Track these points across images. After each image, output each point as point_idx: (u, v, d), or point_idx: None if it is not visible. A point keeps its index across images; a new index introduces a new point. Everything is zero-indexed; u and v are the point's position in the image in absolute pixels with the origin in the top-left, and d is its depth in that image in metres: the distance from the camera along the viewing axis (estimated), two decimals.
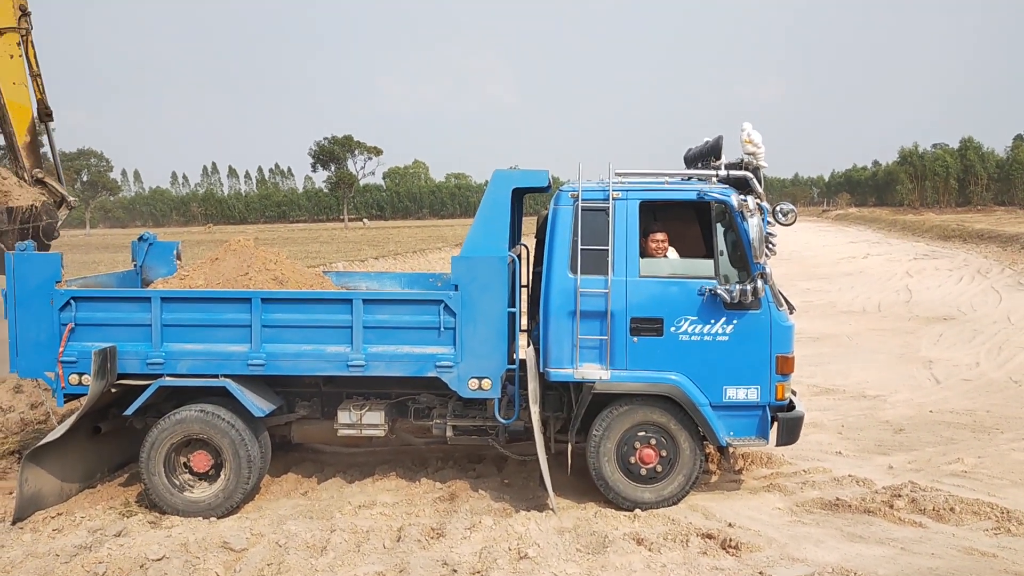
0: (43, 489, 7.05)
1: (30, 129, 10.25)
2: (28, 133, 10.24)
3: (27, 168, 10.15)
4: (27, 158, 10.16)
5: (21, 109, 10.14)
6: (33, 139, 10.26)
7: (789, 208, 7.09)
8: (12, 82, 10.03)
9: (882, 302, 20.25)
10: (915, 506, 6.82)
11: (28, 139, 10.19)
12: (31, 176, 10.13)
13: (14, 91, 10.05)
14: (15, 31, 9.92)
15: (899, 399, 10.84)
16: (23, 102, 10.16)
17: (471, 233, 7.05)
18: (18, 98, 10.13)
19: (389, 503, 7.19)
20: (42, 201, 9.98)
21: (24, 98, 10.14)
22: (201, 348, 7.03)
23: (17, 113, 10.11)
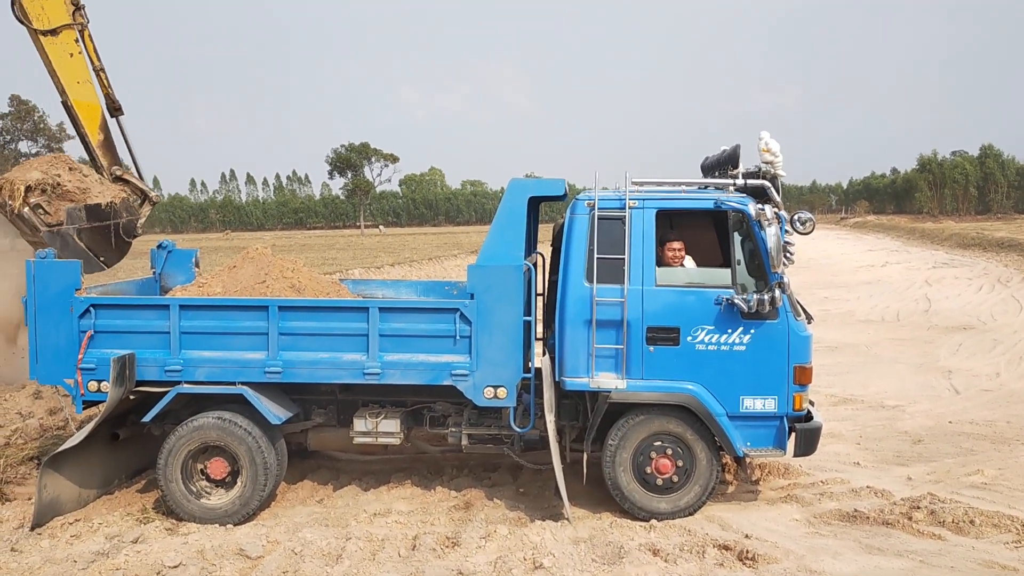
0: (61, 495, 7.10)
1: (102, 127, 9.79)
2: (101, 131, 9.79)
3: (105, 167, 9.74)
4: (103, 157, 9.74)
5: (90, 107, 9.70)
6: (107, 136, 9.80)
7: (807, 217, 7.04)
8: (77, 81, 9.59)
9: (901, 311, 20.09)
10: (934, 518, 6.75)
11: (101, 137, 9.75)
12: (110, 174, 9.73)
13: (80, 90, 9.61)
14: (71, 27, 9.44)
15: (918, 409, 10.75)
16: (91, 100, 9.71)
17: (487, 242, 7.06)
18: (85, 96, 9.68)
19: (404, 511, 7.19)
20: (122, 198, 9.59)
21: (91, 96, 9.69)
22: (219, 356, 7.07)
23: (86, 112, 9.69)
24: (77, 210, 9.09)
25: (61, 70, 9.36)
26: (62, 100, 9.48)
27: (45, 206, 9.06)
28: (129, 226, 9.53)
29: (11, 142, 63.86)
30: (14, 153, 63.00)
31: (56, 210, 9.10)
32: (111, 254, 9.48)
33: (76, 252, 8.90)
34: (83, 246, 9.10)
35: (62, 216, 9.05)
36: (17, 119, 62.64)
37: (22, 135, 64.05)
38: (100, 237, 9.22)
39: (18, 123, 62.93)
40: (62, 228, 9.01)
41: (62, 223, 9.02)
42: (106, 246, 9.32)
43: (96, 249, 9.25)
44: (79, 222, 9.08)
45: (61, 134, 65.03)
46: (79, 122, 9.57)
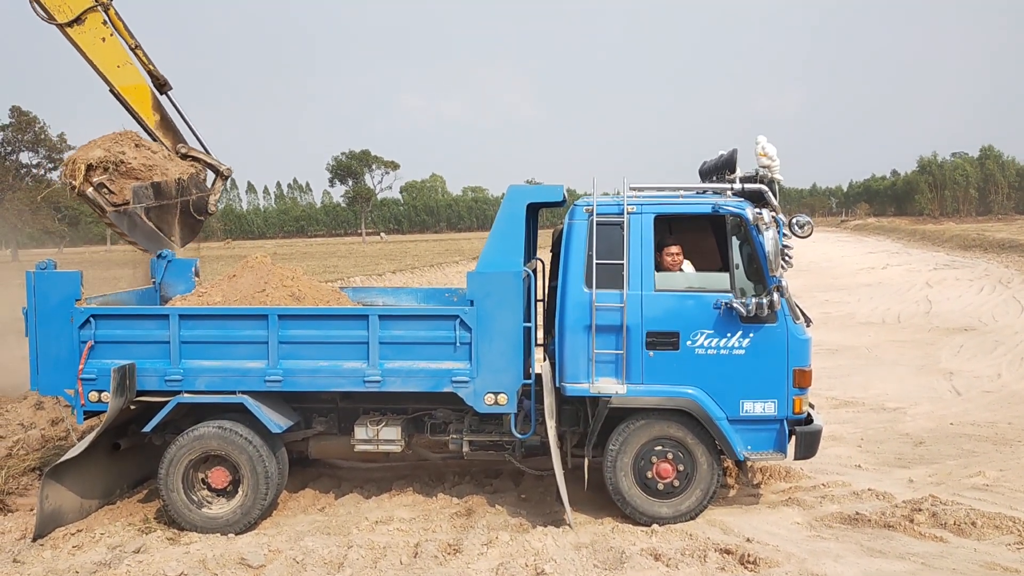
0: (63, 506, 7.11)
1: (155, 106, 9.35)
2: (155, 111, 9.36)
3: (169, 147, 9.35)
4: (164, 137, 9.33)
5: (137, 90, 9.23)
6: (163, 116, 9.37)
7: (805, 220, 7.07)
8: (116, 65, 9.09)
9: (902, 313, 20.09)
10: (936, 520, 6.75)
11: (157, 117, 9.34)
12: (176, 154, 9.34)
13: (122, 74, 9.12)
14: (95, 10, 8.95)
15: (919, 411, 10.74)
16: (136, 81, 9.22)
17: (486, 248, 7.08)
18: (130, 79, 9.17)
19: (406, 518, 7.19)
20: (190, 174, 9.18)
21: (135, 77, 9.20)
22: (219, 365, 7.08)
23: (135, 95, 9.22)
24: (144, 188, 8.74)
25: (97, 58, 8.92)
26: (109, 89, 9.07)
27: (109, 185, 8.71)
28: (200, 203, 9.20)
29: (12, 153, 63.93)
30: (15, 164, 63.12)
31: (121, 189, 8.76)
32: (182, 233, 9.21)
33: (145, 232, 8.70)
34: (152, 226, 8.87)
35: (128, 195, 8.73)
36: (18, 130, 62.70)
37: (23, 146, 64.11)
38: (170, 216, 8.96)
39: (19, 134, 62.98)
40: (128, 208, 8.71)
41: (128, 202, 8.70)
42: (178, 226, 9.11)
43: (166, 228, 9.02)
44: (146, 200, 8.77)
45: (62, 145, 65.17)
46: (131, 107, 9.16)
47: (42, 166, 66.23)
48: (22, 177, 63.78)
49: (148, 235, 8.79)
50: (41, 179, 65.61)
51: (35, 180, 64.91)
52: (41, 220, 63.34)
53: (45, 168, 66.48)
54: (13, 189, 60.75)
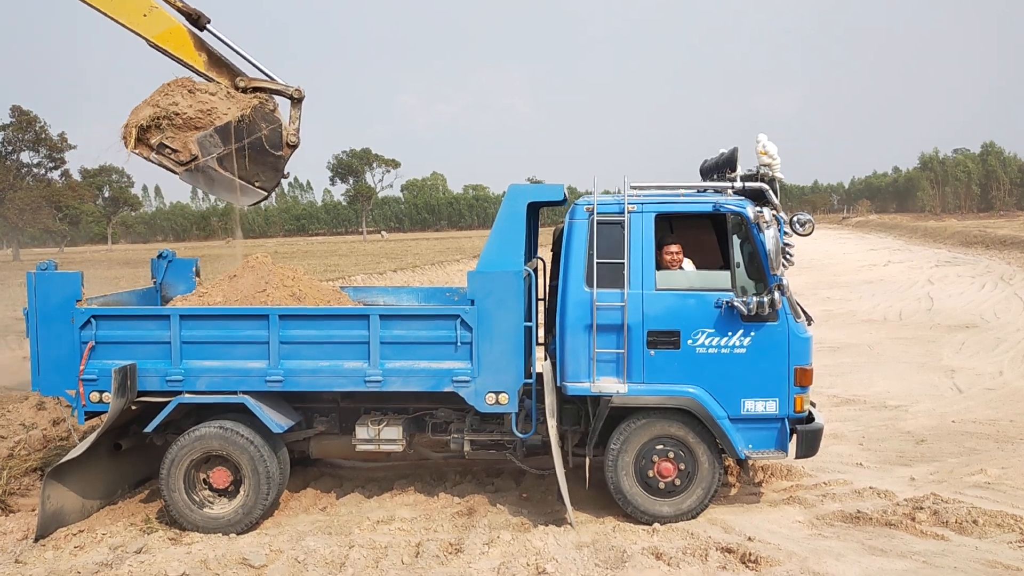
0: (65, 506, 7.11)
1: (198, 45, 8.46)
2: (200, 50, 8.47)
3: (227, 85, 8.52)
4: (219, 76, 8.48)
5: (173, 34, 8.39)
6: (209, 53, 8.50)
7: (806, 218, 7.07)
8: (143, 15, 8.30)
9: (903, 310, 20.08)
10: (937, 518, 6.75)
11: (204, 57, 8.47)
12: (237, 90, 8.49)
13: (151, 23, 8.30)
14: None
15: (921, 409, 10.74)
16: (168, 25, 8.40)
17: (487, 248, 7.07)
18: (161, 26, 8.37)
19: (408, 518, 7.20)
20: (253, 106, 8.29)
21: (167, 21, 8.40)
22: (220, 365, 7.08)
23: (172, 40, 8.39)
24: (208, 136, 8.10)
25: (119, 13, 8.23)
26: (146, 43, 8.37)
27: (170, 143, 8.10)
28: (274, 137, 8.33)
29: (13, 152, 63.97)
30: (16, 164, 63.15)
31: (185, 143, 8.15)
32: (266, 175, 8.45)
33: (225, 184, 8.19)
34: (230, 175, 8.26)
35: (194, 148, 8.12)
36: (19, 130, 62.72)
37: (24, 145, 64.15)
38: (247, 160, 8.26)
39: (20, 133, 63.02)
40: (199, 162, 8.12)
41: (196, 157, 8.12)
42: (257, 168, 8.36)
43: (247, 175, 8.34)
44: (216, 149, 8.13)
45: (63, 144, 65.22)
46: (173, 55, 8.41)
47: (43, 166, 66.31)
48: (23, 177, 63.81)
49: (229, 186, 8.16)
50: (42, 179, 65.68)
51: (36, 179, 64.96)
52: (42, 219, 63.40)
53: (46, 168, 66.56)
54: (14, 188, 60.76)
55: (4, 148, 63.33)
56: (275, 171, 8.43)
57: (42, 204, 62.28)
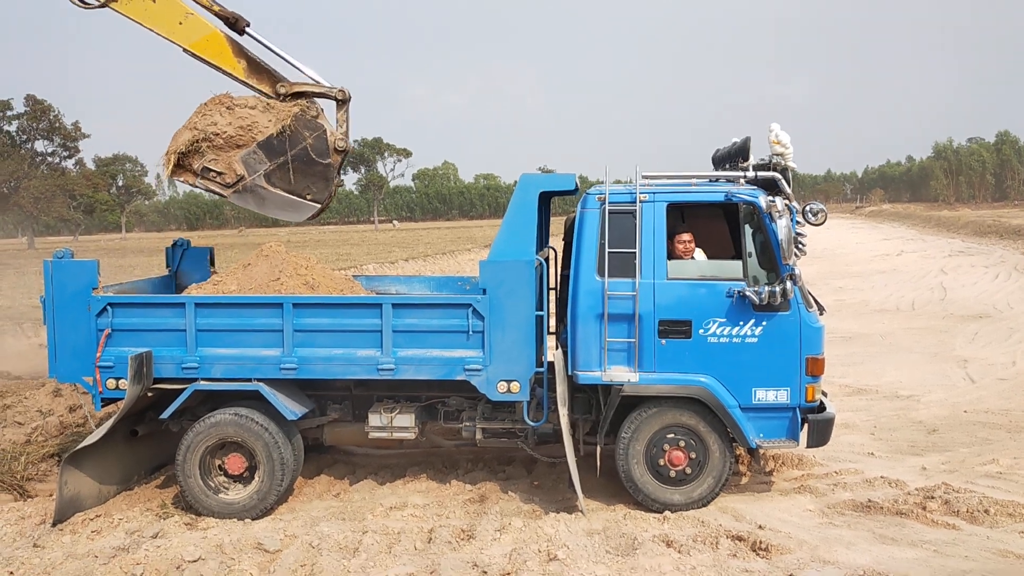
0: (82, 491, 7.20)
1: (236, 52, 8.13)
2: (239, 57, 8.14)
3: (268, 92, 8.18)
4: (259, 83, 8.16)
5: (210, 41, 8.08)
6: (249, 59, 8.17)
7: (819, 208, 7.06)
8: (177, 23, 8.00)
9: (916, 300, 20.00)
10: (948, 508, 6.75)
11: (243, 63, 8.14)
12: (277, 95, 8.14)
13: (187, 30, 8.02)
14: None
15: (933, 399, 10.72)
16: (205, 32, 8.08)
17: (498, 237, 7.10)
18: (197, 33, 8.06)
19: (420, 505, 7.25)
20: (294, 114, 7.94)
21: (203, 27, 8.08)
22: (234, 352, 7.14)
23: (210, 47, 8.08)
24: (251, 154, 7.85)
25: (154, 23, 7.99)
26: (182, 50, 8.09)
27: (214, 166, 7.86)
28: (320, 144, 7.99)
29: (27, 142, 64.34)
30: (30, 153, 63.50)
31: (229, 164, 7.90)
32: (316, 186, 8.11)
33: (277, 202, 7.99)
34: (281, 192, 8.02)
35: (239, 168, 7.89)
36: (33, 119, 63.08)
37: (38, 134, 64.53)
38: (294, 173, 8.04)
39: (34, 123, 63.37)
40: (246, 182, 7.91)
41: (243, 176, 7.91)
42: (306, 180, 8.06)
43: (297, 188, 8.06)
44: (261, 166, 7.89)
45: (77, 133, 65.53)
46: (211, 63, 8.13)
47: (57, 154, 66.68)
48: (37, 165, 64.19)
49: (281, 203, 7.93)
50: (56, 167, 66.04)
51: (50, 168, 65.33)
52: (56, 208, 63.73)
53: (60, 156, 66.93)
54: (29, 177, 61.11)
55: (19, 137, 63.73)
56: (325, 180, 8.09)
57: (56, 193, 62.62)
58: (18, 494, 7.84)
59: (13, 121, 62.91)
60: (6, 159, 58.53)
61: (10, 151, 60.29)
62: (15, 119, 62.84)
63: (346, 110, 8.15)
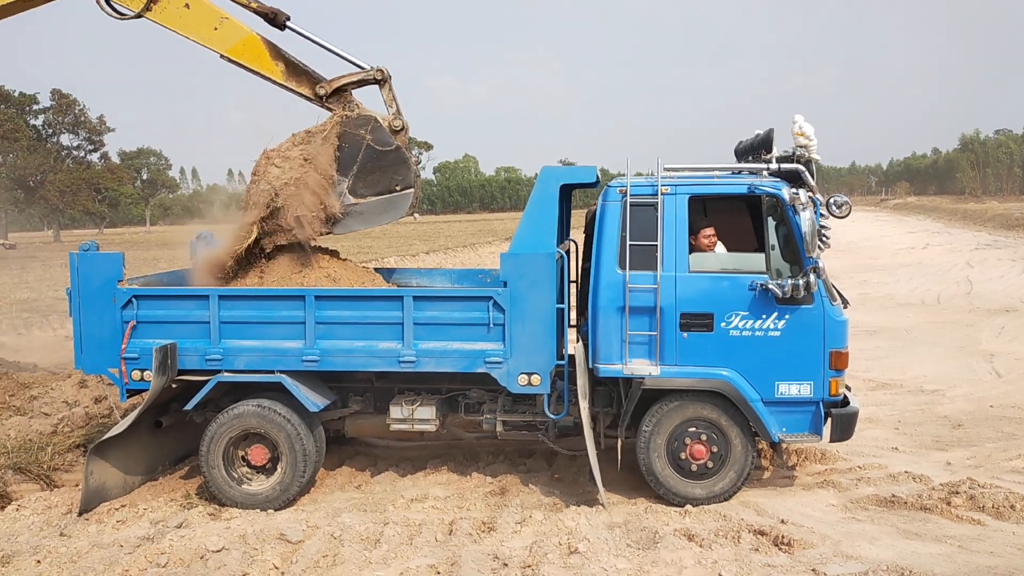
0: (108, 482, 7.28)
1: (274, 55, 7.94)
2: (276, 60, 7.95)
3: (308, 95, 8.01)
4: (298, 86, 8.00)
5: (246, 45, 7.90)
6: (287, 62, 7.97)
7: (843, 200, 6.98)
8: (213, 28, 7.88)
9: (942, 294, 19.79)
10: (974, 503, 6.68)
11: (281, 66, 7.96)
12: (317, 97, 7.95)
13: (223, 36, 7.86)
14: None
15: (958, 393, 10.61)
16: (242, 36, 7.90)
17: (519, 230, 7.09)
18: (233, 37, 7.89)
19: (441, 497, 7.28)
20: (337, 123, 7.74)
21: (239, 31, 7.91)
22: (257, 345, 7.18)
23: (247, 52, 7.91)
24: (324, 182, 7.65)
25: (190, 30, 7.90)
26: (219, 56, 7.98)
27: (302, 218, 7.64)
28: (379, 134, 7.76)
29: (53, 136, 65.06)
30: (56, 146, 64.19)
31: (311, 204, 7.65)
32: (399, 172, 7.87)
33: (375, 209, 7.84)
34: (373, 198, 7.86)
35: (326, 200, 7.68)
36: (59, 112, 63.79)
37: (64, 128, 65.25)
38: (372, 173, 7.83)
39: (59, 116, 64.08)
40: (337, 210, 7.74)
41: (333, 208, 7.72)
42: (387, 173, 7.85)
43: (384, 186, 7.87)
44: (342, 185, 7.74)
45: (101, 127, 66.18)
46: (248, 68, 7.97)
47: (82, 148, 67.41)
48: (63, 159, 64.90)
49: (380, 208, 7.80)
50: (81, 161, 66.75)
51: (75, 162, 66.04)
52: (81, 201, 64.45)
53: (85, 150, 67.64)
54: (54, 171, 61.82)
55: (45, 131, 64.46)
56: (403, 163, 7.86)
57: (82, 186, 63.34)
58: (45, 484, 7.94)
59: (39, 115, 63.69)
60: (32, 153, 59.33)
61: (36, 145, 61.07)
62: (41, 113, 63.61)
63: (389, 88, 7.98)
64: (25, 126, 60.55)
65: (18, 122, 58.70)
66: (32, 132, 62.04)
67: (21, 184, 59.80)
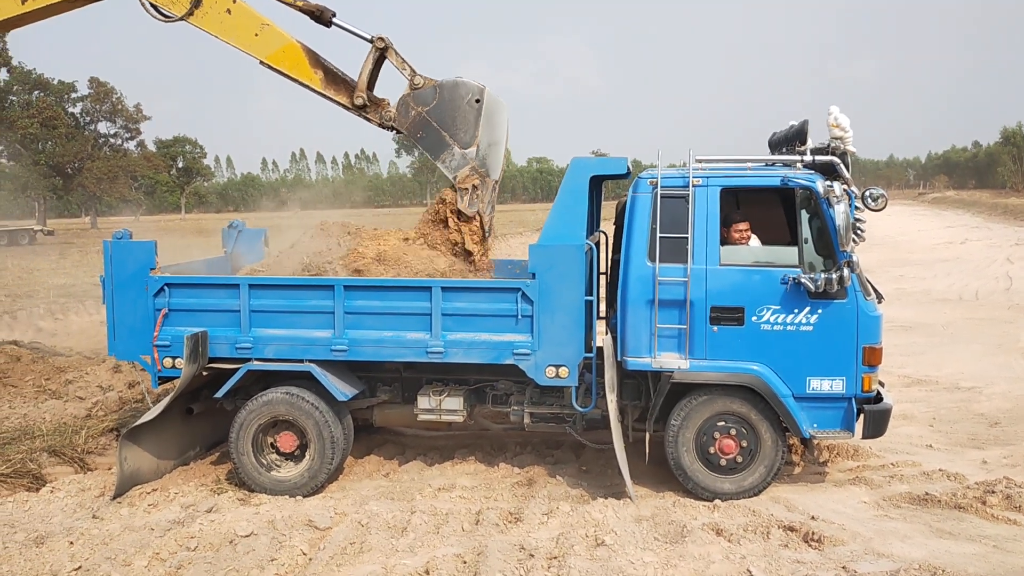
0: (140, 467, 7.38)
1: (313, 63, 7.96)
2: (315, 68, 7.97)
3: (346, 104, 8.00)
4: (336, 95, 8.00)
5: (286, 52, 7.91)
6: (326, 70, 8.01)
7: (879, 193, 6.86)
8: (254, 34, 7.88)
9: (980, 290, 19.43)
10: (1010, 503, 6.55)
11: (320, 74, 7.98)
12: (354, 106, 7.97)
13: (263, 42, 7.87)
14: None
15: (995, 391, 10.41)
16: (282, 43, 7.89)
17: (549, 221, 7.05)
18: (274, 44, 7.88)
19: (468, 487, 7.28)
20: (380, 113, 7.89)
21: (280, 38, 7.90)
22: (287, 334, 7.22)
23: (286, 59, 7.92)
24: (451, 154, 7.79)
25: (231, 36, 7.92)
26: (259, 63, 8.00)
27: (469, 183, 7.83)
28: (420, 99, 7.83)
29: (91, 123, 65.96)
30: (93, 134, 65.06)
31: (472, 182, 7.86)
32: (457, 99, 7.80)
33: (488, 128, 7.85)
34: (476, 129, 7.81)
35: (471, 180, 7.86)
36: (96, 101, 64.60)
37: (101, 116, 66.10)
38: (452, 124, 7.80)
39: (97, 104, 64.91)
40: (473, 184, 7.88)
41: (476, 188, 7.90)
42: (455, 113, 7.82)
43: (467, 116, 7.81)
44: (453, 155, 7.83)
45: (138, 115, 66.95)
46: (289, 75, 7.98)
47: (119, 136, 68.28)
48: (100, 147, 65.79)
49: (488, 126, 7.81)
50: (118, 149, 67.63)
51: (113, 150, 66.93)
52: (118, 189, 65.30)
53: (122, 138, 68.51)
54: (92, 158, 62.69)
55: (83, 119, 65.35)
56: (453, 91, 7.80)
57: (118, 174, 64.16)
58: (79, 467, 8.08)
59: (77, 103, 64.54)
60: (71, 140, 60.14)
61: (74, 133, 61.90)
62: (79, 101, 64.45)
63: (395, 53, 7.91)
64: (64, 114, 61.38)
65: (57, 110, 59.52)
66: (70, 120, 62.88)
67: (59, 171, 60.71)
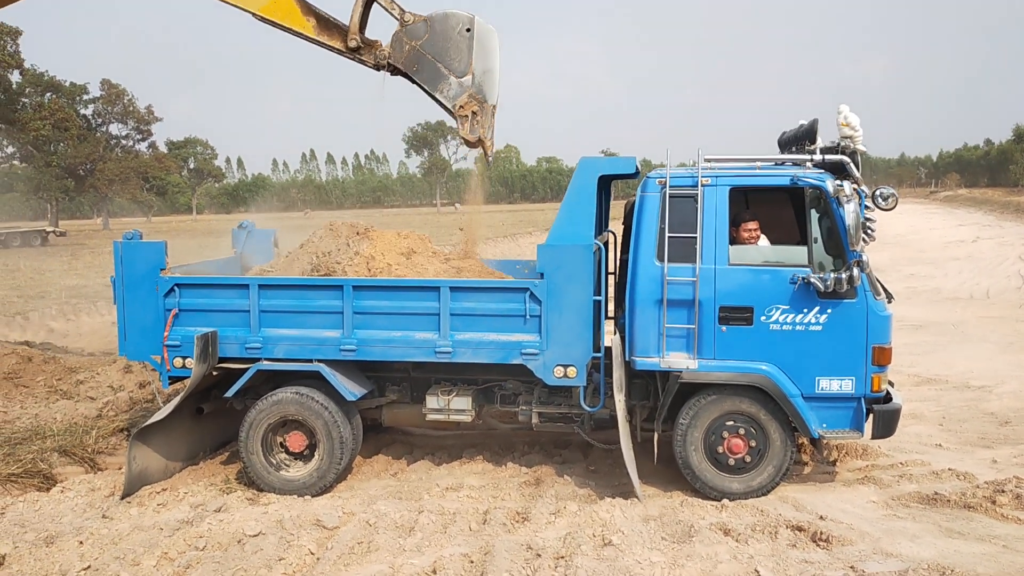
0: (150, 466, 7.42)
1: (304, 10, 8.02)
2: (307, 15, 8.01)
3: (340, 48, 8.02)
4: (330, 39, 8.01)
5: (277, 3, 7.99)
6: (317, 16, 8.02)
7: (889, 192, 6.83)
8: None
9: (991, 288, 19.34)
10: (1020, 502, 6.52)
11: (313, 22, 8.01)
12: (348, 49, 8.01)
13: None
14: None
15: (1006, 390, 10.35)
16: None
17: (557, 221, 7.05)
18: None
19: (476, 486, 7.29)
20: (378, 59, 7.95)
21: None
22: (296, 334, 7.25)
23: (278, 9, 7.96)
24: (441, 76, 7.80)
25: None
26: (252, 16, 8.05)
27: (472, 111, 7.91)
28: (413, 34, 7.88)
29: (103, 125, 66.30)
30: (105, 136, 65.39)
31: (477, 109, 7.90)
32: (449, 29, 7.85)
33: (481, 56, 7.87)
34: (471, 57, 7.83)
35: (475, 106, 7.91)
36: (108, 102, 64.93)
37: (113, 118, 66.44)
38: (446, 55, 7.82)
39: (109, 106, 65.23)
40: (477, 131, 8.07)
41: (475, 117, 7.97)
42: (446, 43, 7.83)
43: (460, 45, 7.83)
44: (450, 84, 7.84)
45: (150, 117, 67.26)
46: (282, 25, 8.02)
47: (131, 137, 68.60)
48: (112, 148, 66.12)
49: (481, 55, 7.80)
50: (130, 150, 67.95)
51: (124, 151, 67.26)
52: (130, 190, 65.65)
53: (134, 139, 68.83)
54: (104, 160, 63.00)
55: (95, 120, 65.69)
56: (443, 23, 7.87)
57: (130, 175, 64.50)
58: (89, 466, 8.13)
59: (89, 105, 64.87)
60: (83, 142, 60.45)
61: (86, 134, 62.21)
62: (91, 103, 64.79)
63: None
64: (76, 116, 61.69)
65: (69, 112, 59.82)
66: (82, 122, 63.20)
67: (71, 173, 61.02)
